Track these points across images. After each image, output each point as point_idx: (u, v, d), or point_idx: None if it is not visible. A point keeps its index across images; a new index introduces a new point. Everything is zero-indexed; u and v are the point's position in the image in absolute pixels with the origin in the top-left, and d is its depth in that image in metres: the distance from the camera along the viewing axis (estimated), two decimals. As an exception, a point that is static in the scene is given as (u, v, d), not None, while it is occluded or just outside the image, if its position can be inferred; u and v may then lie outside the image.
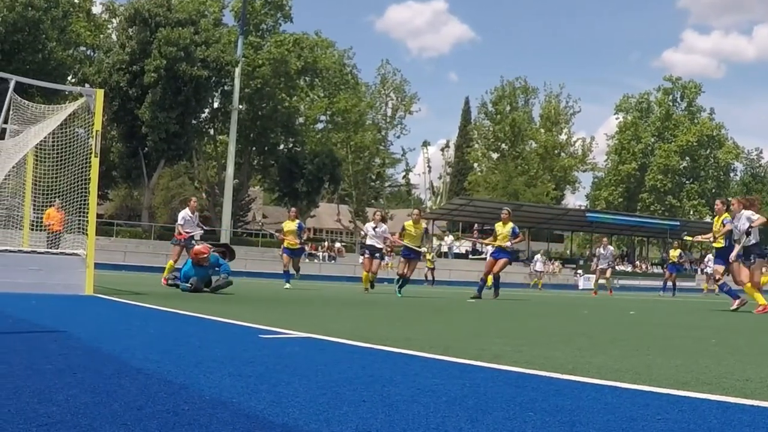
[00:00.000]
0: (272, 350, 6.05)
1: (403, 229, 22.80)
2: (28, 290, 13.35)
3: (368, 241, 24.86)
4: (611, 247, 37.84)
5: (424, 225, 23.90)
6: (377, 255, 24.48)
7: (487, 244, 23.32)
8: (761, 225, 17.44)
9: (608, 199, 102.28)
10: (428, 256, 48.63)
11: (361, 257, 32.79)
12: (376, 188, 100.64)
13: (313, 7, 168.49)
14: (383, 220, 26.49)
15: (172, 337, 7.12)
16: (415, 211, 23.78)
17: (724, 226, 17.91)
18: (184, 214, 23.89)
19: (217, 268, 18.11)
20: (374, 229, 24.58)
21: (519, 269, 70.06)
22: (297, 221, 26.84)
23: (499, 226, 22.82)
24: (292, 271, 26.59)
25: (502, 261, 22.58)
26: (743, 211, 17.54)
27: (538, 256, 59.73)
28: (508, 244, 22.53)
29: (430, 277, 50.33)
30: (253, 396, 3.61)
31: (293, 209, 28.95)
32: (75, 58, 69.62)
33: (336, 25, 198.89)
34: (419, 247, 23.12)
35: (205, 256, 17.87)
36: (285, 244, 26.65)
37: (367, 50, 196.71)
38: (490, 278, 23.10)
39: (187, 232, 23.37)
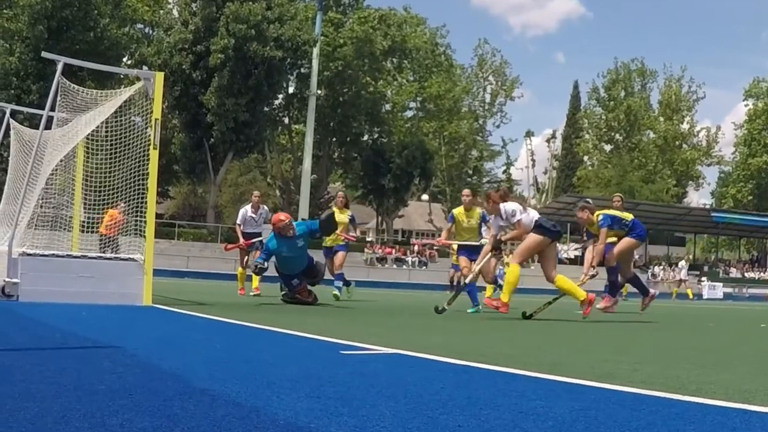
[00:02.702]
0: (354, 368, 6.04)
1: (453, 220, 18.42)
2: (79, 300, 13.50)
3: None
4: None
5: (479, 212, 18.32)
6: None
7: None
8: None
9: (736, 196, 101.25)
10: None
11: (454, 262, 27.80)
12: (472, 184, 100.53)
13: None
14: None
15: (241, 353, 7.16)
16: (465, 192, 19.15)
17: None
18: (244, 212, 22.67)
19: (302, 243, 17.14)
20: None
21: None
22: (349, 212, 22.08)
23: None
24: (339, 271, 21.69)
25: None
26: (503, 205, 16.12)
27: (683, 263, 59.59)
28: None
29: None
30: (333, 420, 3.62)
31: (340, 193, 23.81)
32: (131, 37, 70.02)
33: (427, 0, 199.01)
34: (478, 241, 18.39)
35: (286, 222, 16.92)
36: (326, 243, 21.58)
37: (462, 28, 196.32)
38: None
39: (247, 234, 22.41)
